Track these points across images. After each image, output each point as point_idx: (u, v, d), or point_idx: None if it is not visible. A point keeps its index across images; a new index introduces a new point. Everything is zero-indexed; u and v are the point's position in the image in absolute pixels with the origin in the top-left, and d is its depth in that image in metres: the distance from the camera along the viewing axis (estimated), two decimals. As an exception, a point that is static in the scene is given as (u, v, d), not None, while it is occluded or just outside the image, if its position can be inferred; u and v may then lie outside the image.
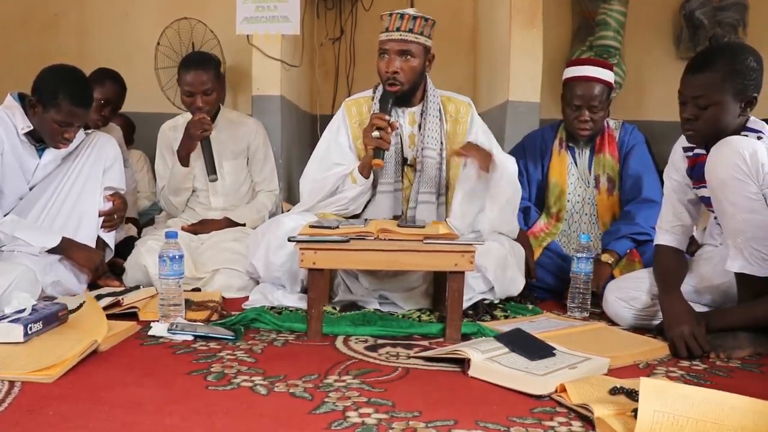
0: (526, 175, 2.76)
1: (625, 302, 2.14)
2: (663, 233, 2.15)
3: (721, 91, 1.80)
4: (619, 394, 1.41)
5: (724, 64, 1.80)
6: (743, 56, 1.81)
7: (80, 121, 2.31)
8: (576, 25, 4.41)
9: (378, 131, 2.17)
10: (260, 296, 2.30)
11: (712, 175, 1.82)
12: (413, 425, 1.30)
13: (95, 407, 1.35)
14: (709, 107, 1.82)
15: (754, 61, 1.81)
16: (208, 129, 2.66)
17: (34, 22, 4.29)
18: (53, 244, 2.27)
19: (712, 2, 4.26)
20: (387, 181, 2.37)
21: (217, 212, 2.86)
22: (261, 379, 1.54)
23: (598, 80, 2.56)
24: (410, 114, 2.42)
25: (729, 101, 1.81)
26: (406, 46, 2.26)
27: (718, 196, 1.82)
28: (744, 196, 1.75)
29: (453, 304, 1.93)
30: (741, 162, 1.73)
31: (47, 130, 2.27)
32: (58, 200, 2.38)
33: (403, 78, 2.29)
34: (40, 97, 2.24)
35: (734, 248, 1.83)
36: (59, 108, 2.22)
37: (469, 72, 4.43)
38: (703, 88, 1.82)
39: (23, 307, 1.77)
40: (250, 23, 3.32)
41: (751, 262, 1.80)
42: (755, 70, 1.81)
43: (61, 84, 2.24)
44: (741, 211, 1.77)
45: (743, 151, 1.73)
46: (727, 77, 1.80)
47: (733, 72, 1.80)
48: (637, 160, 2.64)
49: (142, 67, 4.01)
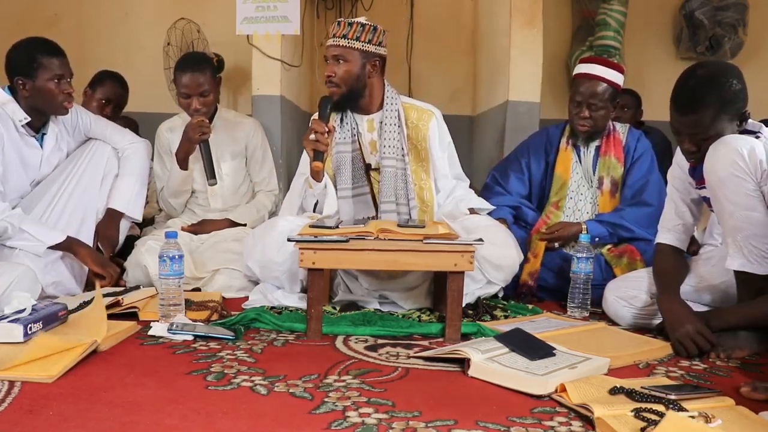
0: (528, 174, 2.76)
1: (624, 301, 2.14)
2: (664, 232, 2.15)
3: (717, 123, 1.82)
4: (619, 394, 1.42)
5: (714, 99, 1.80)
6: (728, 83, 1.81)
7: (68, 72, 2.36)
8: (576, 25, 4.41)
9: (315, 134, 2.21)
10: (260, 296, 2.30)
11: (710, 173, 1.82)
12: (413, 425, 1.30)
13: (95, 407, 1.35)
14: (708, 139, 1.84)
15: (737, 82, 1.82)
16: (207, 132, 2.64)
17: (34, 22, 4.29)
18: (58, 240, 2.28)
19: (712, 2, 4.27)
20: (345, 186, 2.39)
21: (216, 214, 2.86)
22: (261, 379, 1.54)
23: (602, 79, 2.57)
24: (368, 121, 2.45)
25: (726, 127, 1.83)
26: (338, 51, 2.33)
27: (717, 194, 1.82)
28: (742, 193, 1.76)
29: (453, 304, 1.93)
30: (739, 159, 1.73)
31: (47, 96, 2.31)
32: (60, 202, 2.41)
33: (338, 80, 2.34)
34: (22, 71, 2.29)
35: (733, 246, 1.83)
36: (44, 66, 2.29)
37: (469, 72, 4.43)
38: (698, 126, 1.83)
39: (23, 307, 1.77)
40: (250, 23, 3.31)
41: (750, 260, 1.80)
42: (741, 90, 1.82)
43: (31, 48, 2.32)
44: (740, 208, 1.77)
45: (741, 149, 1.74)
46: (720, 110, 1.80)
47: (723, 103, 1.80)
48: (643, 171, 2.65)
49: (142, 67, 4.01)
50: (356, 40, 2.32)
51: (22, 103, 2.33)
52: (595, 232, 2.53)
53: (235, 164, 2.91)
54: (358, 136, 2.43)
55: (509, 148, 3.15)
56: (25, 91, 2.30)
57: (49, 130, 2.44)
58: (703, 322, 1.84)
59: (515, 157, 2.84)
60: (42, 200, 2.40)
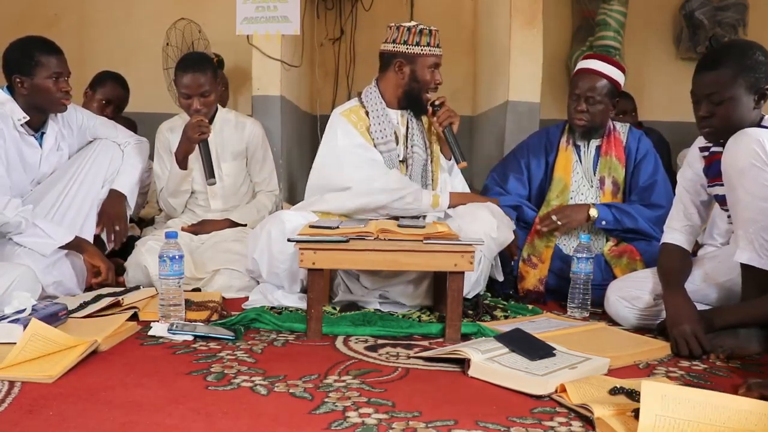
0: (527, 174, 2.75)
1: (627, 302, 2.14)
2: (672, 232, 2.16)
3: (733, 86, 1.83)
4: (619, 394, 1.42)
5: (735, 61, 1.83)
6: (752, 51, 1.84)
7: (66, 70, 2.38)
8: (576, 25, 4.41)
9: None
10: (260, 296, 2.30)
11: (729, 165, 1.82)
12: (413, 425, 1.30)
13: (95, 407, 1.36)
14: (723, 102, 1.85)
15: (762, 55, 1.84)
16: (206, 132, 2.63)
17: (34, 21, 4.28)
18: (69, 239, 2.29)
19: (712, 2, 4.26)
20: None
21: (216, 214, 2.86)
22: (261, 379, 1.54)
23: (601, 74, 2.57)
24: (401, 115, 2.50)
25: (742, 95, 1.84)
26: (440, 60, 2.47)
27: (734, 184, 1.82)
28: (760, 184, 1.75)
29: (453, 304, 1.93)
30: (760, 149, 1.74)
31: (44, 93, 2.33)
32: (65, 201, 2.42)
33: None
34: (20, 70, 2.31)
35: (744, 239, 1.82)
36: (42, 64, 2.31)
37: (469, 72, 4.43)
38: (715, 86, 1.85)
39: (23, 307, 1.78)
40: (250, 23, 3.31)
41: (760, 254, 1.79)
42: (765, 63, 1.84)
43: (28, 47, 2.34)
44: (757, 199, 1.77)
45: (762, 139, 1.75)
46: (739, 73, 1.82)
47: (744, 67, 1.83)
48: (649, 171, 2.64)
49: (142, 67, 4.00)
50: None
51: (20, 102, 2.34)
52: (602, 215, 2.52)
53: (235, 165, 2.91)
54: (396, 131, 2.48)
55: (509, 148, 3.15)
56: (23, 89, 2.31)
57: (48, 130, 2.45)
58: (702, 324, 1.84)
59: (514, 157, 2.82)
60: (47, 198, 2.40)
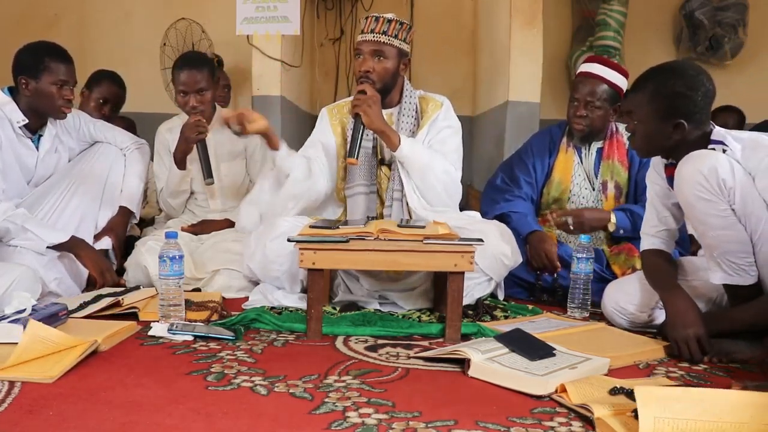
0: (534, 176, 2.72)
1: (623, 315, 2.11)
2: (648, 238, 2.11)
3: (644, 110, 1.84)
4: (619, 394, 1.41)
5: (652, 86, 1.83)
6: (672, 80, 1.81)
7: (72, 79, 2.38)
8: (576, 25, 4.41)
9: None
10: (260, 296, 2.30)
11: (679, 195, 1.82)
12: (413, 425, 1.30)
13: (95, 407, 1.35)
14: (637, 124, 1.88)
15: (683, 87, 1.80)
16: (204, 132, 2.63)
17: (35, 21, 4.29)
18: (62, 240, 2.28)
19: (712, 2, 4.27)
20: (362, 182, 2.38)
21: (215, 214, 2.86)
22: (261, 380, 1.54)
23: (602, 79, 2.55)
24: (387, 115, 2.41)
25: (652, 121, 1.84)
26: (377, 46, 2.31)
27: (688, 213, 1.83)
28: (713, 214, 1.74)
29: (453, 305, 1.93)
30: (702, 180, 1.71)
31: (47, 98, 2.33)
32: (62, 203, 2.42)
33: (375, 76, 2.31)
34: (28, 71, 2.31)
35: (712, 261, 1.82)
36: (50, 69, 2.31)
37: (469, 72, 4.44)
38: (633, 105, 1.88)
39: (23, 307, 1.77)
40: (250, 23, 3.32)
41: (730, 273, 1.80)
42: (682, 96, 1.80)
43: (40, 50, 2.34)
44: (710, 229, 1.76)
45: (702, 170, 1.72)
46: (651, 99, 1.83)
47: (656, 93, 1.82)
48: None
49: (142, 67, 4.01)
50: (395, 37, 2.31)
51: (21, 104, 2.35)
52: (621, 224, 2.49)
53: (234, 165, 2.91)
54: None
55: (509, 148, 3.15)
56: (27, 91, 2.32)
57: (45, 132, 2.45)
58: (705, 328, 1.80)
59: (520, 158, 2.77)
60: (46, 200, 2.41)
